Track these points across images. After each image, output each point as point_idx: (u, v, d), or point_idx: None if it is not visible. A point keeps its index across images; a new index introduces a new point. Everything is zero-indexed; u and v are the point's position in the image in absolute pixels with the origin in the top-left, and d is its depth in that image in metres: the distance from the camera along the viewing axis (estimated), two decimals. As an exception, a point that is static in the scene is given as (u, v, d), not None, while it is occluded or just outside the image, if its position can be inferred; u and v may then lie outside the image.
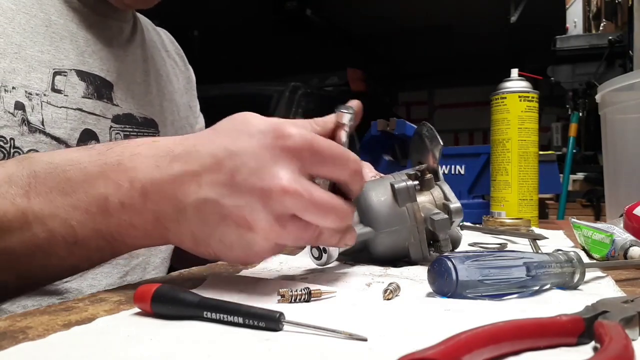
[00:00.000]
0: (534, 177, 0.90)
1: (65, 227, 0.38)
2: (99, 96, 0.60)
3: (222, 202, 0.36)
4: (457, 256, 0.36)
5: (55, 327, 0.30)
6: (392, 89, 6.23)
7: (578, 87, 2.17)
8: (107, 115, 0.61)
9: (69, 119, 0.56)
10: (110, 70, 0.62)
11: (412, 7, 4.20)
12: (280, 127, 0.37)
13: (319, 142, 0.37)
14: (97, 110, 0.59)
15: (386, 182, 0.52)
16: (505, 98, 0.89)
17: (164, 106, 0.73)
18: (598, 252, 0.55)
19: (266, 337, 0.29)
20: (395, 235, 0.51)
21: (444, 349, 0.22)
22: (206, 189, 0.36)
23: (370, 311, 0.34)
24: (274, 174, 0.35)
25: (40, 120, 0.53)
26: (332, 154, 0.38)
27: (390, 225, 0.50)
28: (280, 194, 0.35)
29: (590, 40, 2.20)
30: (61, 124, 0.55)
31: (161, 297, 0.32)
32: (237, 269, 0.49)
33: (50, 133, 0.54)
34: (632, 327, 0.28)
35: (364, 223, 0.51)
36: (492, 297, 0.37)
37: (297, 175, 0.36)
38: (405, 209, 0.51)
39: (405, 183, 0.51)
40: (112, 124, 0.61)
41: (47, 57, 0.55)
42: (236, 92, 3.23)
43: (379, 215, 0.50)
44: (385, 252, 0.51)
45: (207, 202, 0.36)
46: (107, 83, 0.61)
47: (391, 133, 1.32)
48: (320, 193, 0.37)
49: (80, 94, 0.58)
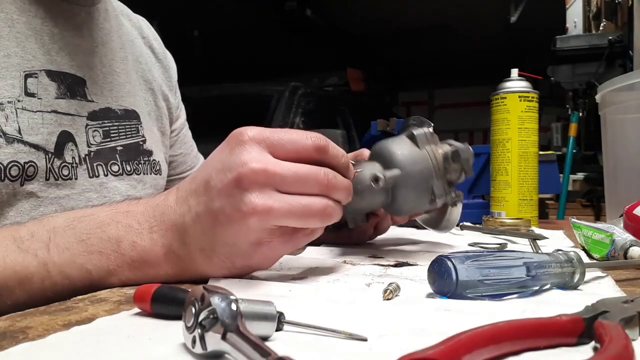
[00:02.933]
0: (534, 177, 0.90)
1: (81, 272, 0.41)
2: (72, 94, 0.57)
3: (209, 209, 0.39)
4: (457, 256, 0.36)
5: (55, 327, 0.30)
6: (392, 89, 6.23)
7: (578, 87, 2.17)
8: (82, 113, 0.58)
9: (45, 123, 0.53)
10: (81, 64, 0.59)
11: (412, 7, 4.20)
12: (237, 130, 0.40)
13: (273, 130, 0.40)
14: (72, 109, 0.57)
15: (401, 136, 0.56)
16: (505, 98, 0.89)
17: (142, 96, 0.70)
18: (598, 252, 0.55)
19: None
20: (419, 175, 0.53)
21: (444, 349, 0.22)
22: (195, 207, 0.40)
23: (370, 311, 0.34)
24: (238, 162, 0.38)
25: (16, 129, 0.51)
26: (288, 133, 0.41)
27: (413, 164, 0.53)
28: (252, 175, 0.38)
29: (590, 40, 2.20)
30: (38, 130, 0.53)
31: (161, 297, 0.32)
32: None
33: (28, 141, 0.51)
34: (632, 327, 0.28)
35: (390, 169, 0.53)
36: (492, 297, 0.37)
37: (262, 155, 0.39)
38: (425, 151, 0.54)
39: (422, 129, 0.55)
40: (87, 122, 0.59)
41: (15, 60, 0.52)
42: (236, 92, 3.23)
43: (404, 157, 0.53)
44: (412, 197, 0.54)
45: (199, 215, 0.40)
46: (78, 79, 0.58)
47: (391, 133, 1.33)
48: (287, 163, 0.39)
49: (53, 95, 0.55)
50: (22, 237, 0.42)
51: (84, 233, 0.41)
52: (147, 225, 0.42)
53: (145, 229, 0.41)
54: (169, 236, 0.41)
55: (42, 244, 0.41)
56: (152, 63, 0.76)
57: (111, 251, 0.41)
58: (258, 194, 0.38)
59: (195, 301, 0.26)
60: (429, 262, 0.38)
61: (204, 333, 0.25)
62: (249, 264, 0.42)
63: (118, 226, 0.42)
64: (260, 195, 0.38)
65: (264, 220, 0.38)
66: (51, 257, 0.41)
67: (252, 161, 0.38)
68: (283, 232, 0.40)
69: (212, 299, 0.25)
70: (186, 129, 0.84)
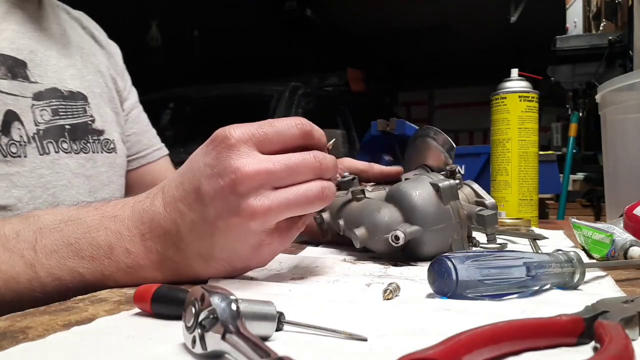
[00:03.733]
0: (534, 177, 0.90)
1: (73, 274, 0.40)
2: (14, 76, 0.59)
3: (205, 217, 0.39)
4: (457, 256, 0.36)
5: (55, 327, 0.30)
6: (392, 89, 6.23)
7: (578, 87, 2.16)
8: (26, 94, 0.60)
9: None
10: (21, 48, 0.61)
11: (412, 7, 4.20)
12: (221, 132, 0.39)
13: (258, 126, 0.39)
14: (15, 90, 0.59)
15: (424, 181, 0.53)
16: (505, 98, 0.89)
17: (90, 79, 0.73)
18: (598, 252, 0.55)
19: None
20: (441, 233, 0.52)
21: (444, 349, 0.22)
22: (188, 214, 0.39)
23: (370, 311, 0.34)
24: (229, 168, 0.38)
25: None
26: (273, 127, 0.40)
27: (437, 223, 0.51)
28: (246, 180, 0.37)
29: (590, 40, 2.20)
30: None
31: (161, 297, 0.32)
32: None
33: None
34: (632, 327, 0.28)
35: (410, 222, 0.51)
36: (492, 297, 0.37)
37: (251, 156, 0.38)
38: (449, 207, 0.52)
39: (449, 182, 0.52)
40: (33, 102, 0.61)
41: None
42: (236, 92, 3.23)
43: (426, 214, 0.51)
44: (430, 250, 0.52)
45: (195, 223, 0.39)
46: (19, 62, 0.61)
47: (391, 133, 1.32)
48: (278, 157, 0.39)
49: None
50: (7, 236, 0.41)
51: (72, 237, 0.41)
52: (137, 232, 0.41)
53: (136, 236, 0.41)
54: (162, 243, 0.41)
55: (28, 245, 0.41)
56: (95, 49, 0.79)
57: (104, 257, 0.40)
58: (255, 197, 0.38)
59: (195, 301, 0.26)
60: (429, 262, 0.38)
61: (204, 333, 0.25)
62: (248, 265, 0.42)
63: (107, 232, 0.41)
64: (257, 197, 0.38)
65: (264, 221, 0.39)
66: (38, 258, 0.40)
67: (244, 165, 0.37)
68: (281, 230, 0.41)
69: (212, 299, 0.25)
70: (138, 110, 0.87)
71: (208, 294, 0.25)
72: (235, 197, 0.38)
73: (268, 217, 0.38)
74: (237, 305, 0.25)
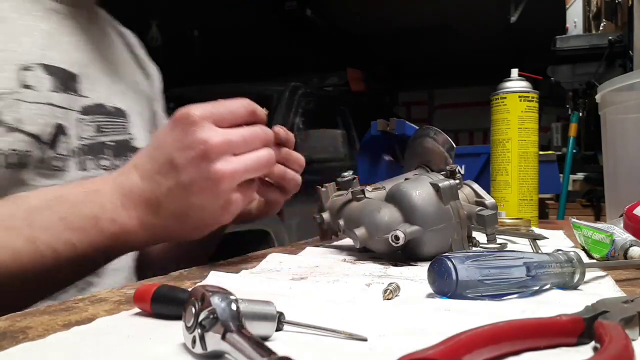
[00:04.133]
0: (534, 177, 0.90)
1: (67, 246, 0.45)
2: (66, 89, 0.59)
3: (180, 183, 0.45)
4: (457, 256, 0.36)
5: (55, 327, 0.30)
6: (392, 89, 6.23)
7: (578, 87, 2.16)
8: (75, 108, 0.60)
9: (42, 114, 0.56)
10: (74, 61, 0.61)
11: (412, 7, 4.21)
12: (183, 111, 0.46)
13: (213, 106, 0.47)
14: (65, 103, 0.59)
15: (424, 181, 0.53)
16: (505, 98, 0.89)
17: (131, 97, 0.73)
18: (598, 252, 0.55)
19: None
20: (441, 233, 0.52)
21: (444, 349, 0.22)
22: (164, 183, 0.46)
23: (370, 311, 0.34)
24: (197, 140, 0.44)
25: (15, 119, 0.53)
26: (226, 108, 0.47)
27: (436, 223, 0.51)
28: (213, 148, 0.44)
29: (590, 40, 2.20)
30: (35, 120, 0.55)
31: (161, 297, 0.32)
32: (237, 268, 0.49)
33: (26, 130, 0.54)
34: (632, 327, 0.28)
35: (410, 222, 0.51)
36: (492, 297, 0.37)
37: (213, 130, 0.45)
38: (449, 207, 0.52)
39: (449, 182, 0.52)
40: (80, 116, 0.61)
41: (9, 54, 0.55)
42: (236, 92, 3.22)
43: (426, 214, 0.51)
44: (430, 250, 0.52)
45: (171, 190, 0.46)
46: (71, 75, 0.61)
47: (391, 133, 1.32)
48: (235, 130, 0.46)
49: (47, 87, 0.57)
50: (2, 216, 0.45)
51: (62, 212, 0.45)
52: (119, 203, 0.47)
53: (118, 207, 0.47)
54: (142, 210, 0.47)
55: (24, 223, 0.45)
56: (135, 69, 0.79)
57: (91, 227, 0.46)
58: (222, 162, 0.45)
59: (195, 301, 0.26)
60: (429, 262, 0.38)
61: (204, 333, 0.25)
62: (218, 221, 0.49)
63: (93, 205, 0.46)
64: (224, 162, 0.45)
65: (231, 181, 0.46)
66: (36, 233, 0.44)
67: (210, 137, 0.44)
68: (243, 189, 0.48)
69: (212, 299, 0.25)
70: None
71: (208, 294, 0.25)
72: (206, 164, 0.44)
73: (234, 178, 0.46)
74: (237, 305, 0.25)
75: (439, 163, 0.62)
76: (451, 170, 0.56)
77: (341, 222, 0.58)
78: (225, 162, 0.45)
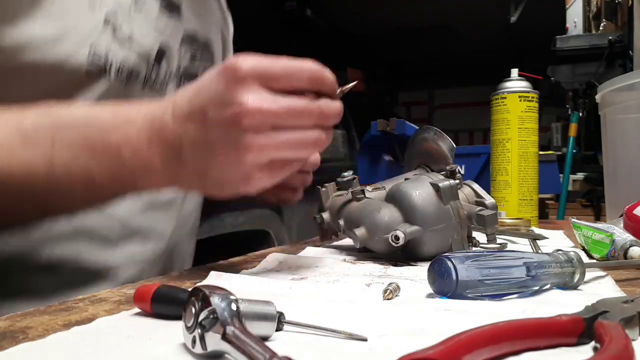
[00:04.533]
0: (534, 177, 0.90)
1: (84, 171, 0.43)
2: (171, 14, 0.60)
3: (206, 139, 0.40)
4: (457, 256, 0.36)
5: (55, 327, 0.30)
6: (392, 89, 6.23)
7: (578, 87, 2.16)
8: (177, 34, 0.61)
9: (150, 34, 0.56)
10: None
11: (412, 7, 4.20)
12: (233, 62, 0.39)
13: (269, 63, 0.40)
14: (169, 28, 0.60)
15: (424, 181, 0.53)
16: (505, 98, 0.89)
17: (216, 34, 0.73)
18: (598, 252, 0.55)
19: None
20: (441, 233, 0.52)
21: (444, 349, 0.22)
22: (192, 132, 0.41)
23: (370, 311, 0.34)
24: (235, 100, 0.38)
25: (128, 35, 0.54)
26: (283, 68, 0.40)
27: (436, 223, 0.51)
28: (248, 115, 0.38)
29: (590, 40, 2.20)
30: (144, 40, 0.55)
31: (161, 297, 0.32)
32: (237, 268, 0.49)
33: (136, 49, 0.54)
34: (632, 327, 0.28)
35: (410, 222, 0.51)
36: (492, 297, 0.37)
37: (257, 93, 0.39)
38: (449, 207, 0.52)
39: (449, 182, 0.52)
40: (179, 42, 0.62)
41: None
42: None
43: (426, 214, 0.51)
44: (430, 250, 0.52)
45: (196, 143, 0.41)
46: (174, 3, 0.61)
47: (391, 133, 1.32)
48: (283, 100, 0.39)
49: (155, 11, 0.58)
50: (27, 130, 0.43)
51: (87, 133, 0.43)
52: (145, 138, 0.43)
53: (144, 141, 0.43)
54: (166, 152, 0.43)
55: (47, 138, 0.43)
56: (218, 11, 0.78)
57: (112, 157, 0.43)
58: (253, 134, 0.39)
59: (195, 301, 0.26)
60: (429, 262, 0.38)
61: (204, 333, 0.25)
62: (236, 191, 0.44)
63: (118, 134, 0.43)
64: (256, 135, 0.39)
65: (257, 157, 0.40)
66: (55, 151, 0.42)
67: (249, 102, 0.38)
68: (272, 169, 0.42)
69: (212, 299, 0.25)
70: None
71: (208, 294, 0.25)
72: (236, 130, 0.39)
73: (262, 154, 0.40)
74: (237, 305, 0.25)
75: (439, 163, 0.62)
76: (451, 170, 0.56)
77: (341, 222, 0.58)
78: (258, 134, 0.39)
